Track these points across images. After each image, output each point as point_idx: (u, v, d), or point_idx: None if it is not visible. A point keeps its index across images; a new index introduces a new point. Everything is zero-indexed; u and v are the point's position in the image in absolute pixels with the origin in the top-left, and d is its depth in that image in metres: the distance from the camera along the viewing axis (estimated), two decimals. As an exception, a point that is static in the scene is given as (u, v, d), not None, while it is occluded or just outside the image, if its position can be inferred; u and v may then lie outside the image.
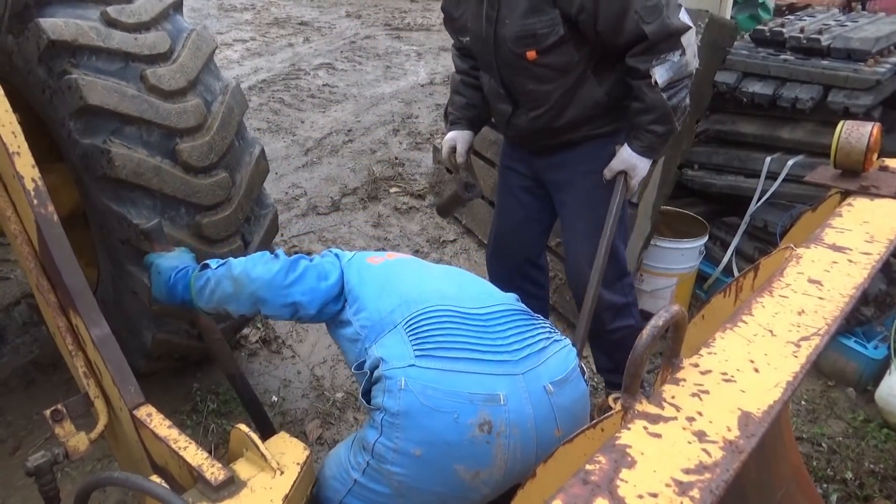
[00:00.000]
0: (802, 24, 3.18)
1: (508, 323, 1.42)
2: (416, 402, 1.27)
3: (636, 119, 2.03)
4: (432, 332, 1.35)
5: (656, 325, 0.78)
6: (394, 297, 1.47)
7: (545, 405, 1.34)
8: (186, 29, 2.20)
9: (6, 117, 1.40)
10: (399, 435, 1.29)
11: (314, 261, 1.61)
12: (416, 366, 1.30)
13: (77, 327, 1.49)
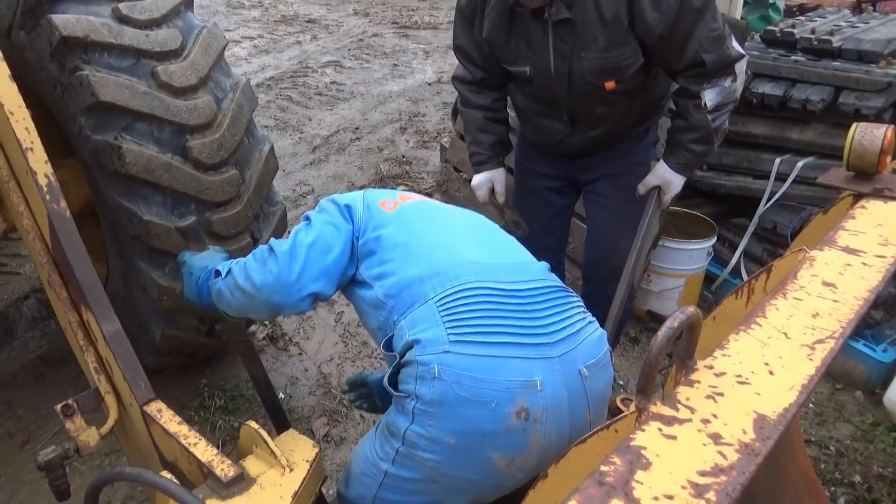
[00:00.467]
0: (813, 25, 3.16)
1: (546, 302, 1.33)
2: (450, 392, 1.21)
3: (677, 136, 2.08)
4: (468, 315, 1.25)
5: (671, 327, 0.78)
6: (421, 262, 1.36)
7: (579, 389, 1.29)
8: (197, 26, 2.20)
9: (20, 113, 1.40)
10: (432, 423, 1.24)
11: (311, 233, 1.44)
12: (450, 352, 1.22)
13: (88, 323, 1.49)
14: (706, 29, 1.85)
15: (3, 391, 2.62)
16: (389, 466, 1.34)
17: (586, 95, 2.04)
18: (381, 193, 1.55)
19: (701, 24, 1.84)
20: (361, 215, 1.48)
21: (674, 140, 2.10)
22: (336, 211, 1.49)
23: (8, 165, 1.51)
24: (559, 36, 1.93)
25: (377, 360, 2.90)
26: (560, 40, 1.93)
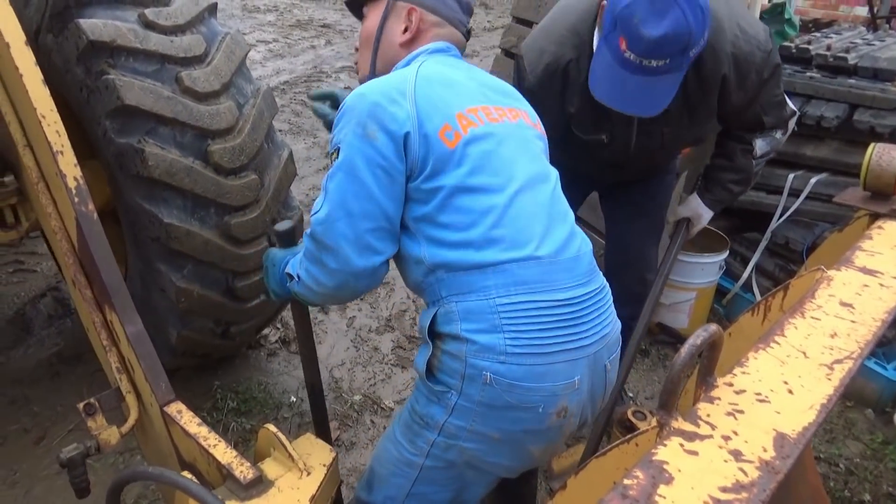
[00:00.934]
0: (829, 42, 3.17)
1: (592, 307, 1.33)
2: (500, 398, 1.23)
3: (718, 174, 2.13)
4: (528, 328, 1.24)
5: (694, 344, 0.79)
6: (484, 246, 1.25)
7: (602, 382, 1.36)
8: (221, 32, 2.24)
9: (52, 117, 1.43)
10: (476, 420, 1.26)
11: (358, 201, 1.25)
12: (506, 363, 1.22)
13: (112, 323, 1.52)
14: (770, 94, 1.92)
15: (20, 387, 2.65)
16: (424, 461, 1.35)
17: (657, 155, 2.11)
18: (439, 109, 1.28)
19: (766, 91, 1.90)
20: (418, 149, 1.25)
21: (713, 177, 2.16)
22: (386, 144, 1.24)
23: (37, 167, 1.54)
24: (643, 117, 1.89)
25: (388, 365, 2.92)
26: (647, 120, 1.87)
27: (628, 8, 1.49)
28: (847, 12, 6.43)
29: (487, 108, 1.35)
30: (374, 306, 3.31)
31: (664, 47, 1.48)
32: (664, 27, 1.46)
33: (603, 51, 1.58)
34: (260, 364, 2.86)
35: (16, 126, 1.55)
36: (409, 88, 1.28)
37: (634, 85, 1.56)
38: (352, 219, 1.25)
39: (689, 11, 1.47)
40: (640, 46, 1.49)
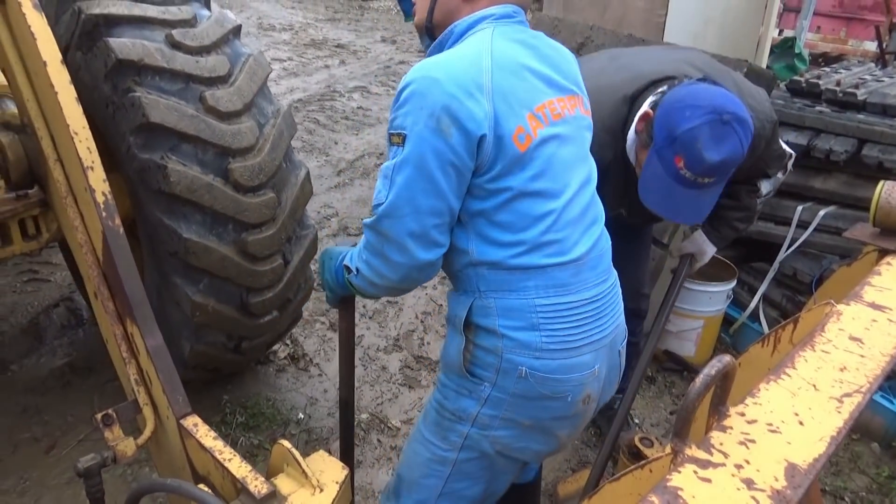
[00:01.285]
0: (839, 77, 3.22)
1: (612, 300, 1.43)
2: (533, 390, 1.32)
3: (723, 213, 2.20)
4: (563, 326, 1.32)
5: (709, 374, 0.82)
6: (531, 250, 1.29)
7: (616, 366, 1.47)
8: (244, 54, 2.29)
9: (83, 133, 1.48)
10: (509, 409, 1.34)
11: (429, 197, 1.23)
12: (541, 359, 1.30)
13: (132, 336, 1.55)
14: (771, 150, 2.06)
15: (31, 396, 2.68)
16: (458, 454, 1.42)
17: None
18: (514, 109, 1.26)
19: (769, 150, 2.04)
20: (490, 149, 1.24)
21: (718, 215, 2.21)
22: (460, 143, 1.21)
23: (66, 182, 1.58)
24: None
25: (395, 384, 2.94)
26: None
27: (691, 132, 1.53)
28: (856, 46, 6.51)
29: (553, 104, 1.34)
30: (383, 325, 3.34)
31: (719, 169, 1.56)
32: (723, 153, 1.52)
33: (654, 162, 1.62)
34: (269, 380, 2.88)
35: (47, 141, 1.60)
36: (485, 81, 1.23)
37: (684, 197, 1.62)
38: (419, 215, 1.24)
39: (743, 137, 1.54)
40: (698, 168, 1.55)
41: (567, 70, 1.43)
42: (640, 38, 3.18)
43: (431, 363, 3.08)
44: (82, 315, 3.20)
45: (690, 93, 1.58)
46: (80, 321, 3.16)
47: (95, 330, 3.06)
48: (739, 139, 1.53)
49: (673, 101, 1.59)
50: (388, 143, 1.28)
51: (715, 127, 1.52)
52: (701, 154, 1.52)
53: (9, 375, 2.80)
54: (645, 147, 1.67)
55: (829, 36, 6.71)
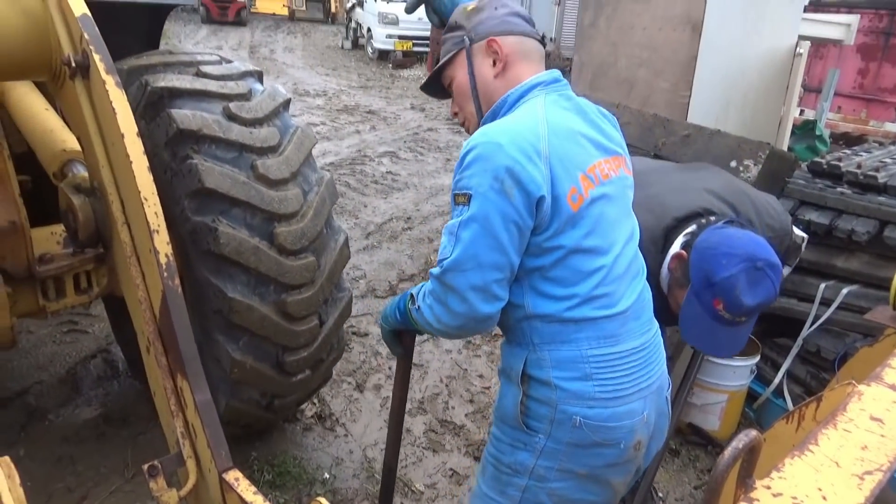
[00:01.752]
0: (859, 160, 3.31)
1: (657, 349, 1.52)
2: (587, 438, 1.39)
3: None
4: (614, 375, 1.40)
5: (737, 447, 0.88)
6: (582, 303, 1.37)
7: (664, 413, 1.55)
8: (293, 126, 2.46)
9: (152, 199, 1.61)
10: (564, 459, 1.41)
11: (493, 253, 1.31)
12: (594, 408, 1.38)
13: (181, 390, 1.63)
14: (789, 240, 2.14)
15: (66, 446, 2.75)
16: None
17: None
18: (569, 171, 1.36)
19: (787, 239, 2.12)
20: (547, 209, 1.33)
21: None
22: (522, 203, 1.30)
23: (132, 243, 1.70)
24: None
25: (420, 447, 2.96)
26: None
27: (729, 280, 1.65)
28: (877, 127, 6.63)
29: (601, 165, 1.45)
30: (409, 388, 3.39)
31: (757, 310, 1.69)
32: (759, 297, 1.65)
33: (693, 303, 1.74)
34: (296, 438, 2.93)
35: (117, 205, 1.73)
36: (543, 147, 1.34)
37: (724, 334, 1.74)
38: (482, 270, 1.32)
39: (775, 280, 1.66)
40: (737, 310, 1.67)
41: (611, 133, 1.55)
42: (664, 118, 3.32)
43: (456, 427, 3.11)
44: (118, 367, 3.30)
45: (723, 240, 1.70)
46: (115, 373, 3.26)
47: (130, 383, 3.16)
48: (772, 282, 1.65)
49: (707, 248, 1.71)
50: (452, 203, 1.38)
51: (751, 274, 1.63)
52: (739, 299, 1.62)
53: (46, 424, 2.88)
54: (680, 286, 1.78)
55: (849, 116, 6.87)
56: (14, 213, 2.20)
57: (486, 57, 1.50)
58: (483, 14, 1.51)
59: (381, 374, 3.49)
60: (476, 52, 1.51)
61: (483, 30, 1.50)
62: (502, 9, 1.52)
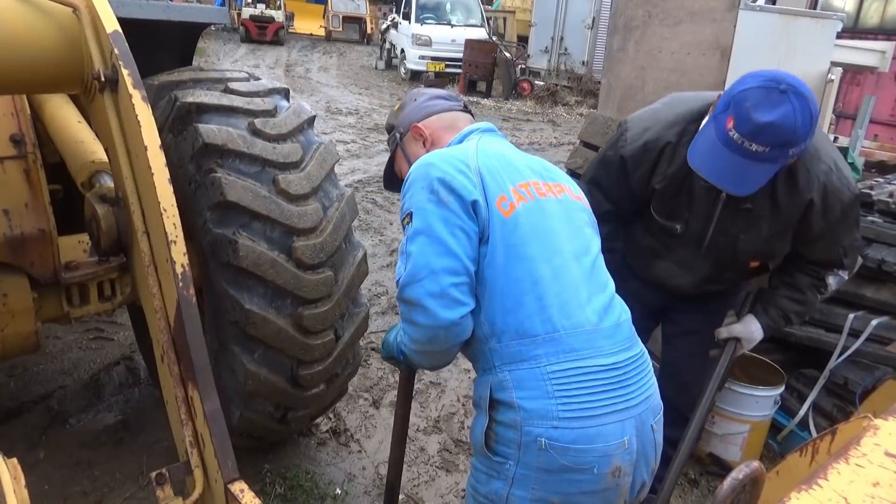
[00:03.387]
0: (892, 189, 3.24)
1: (635, 370, 1.44)
2: (555, 462, 1.33)
3: (782, 302, 2.18)
4: (578, 393, 1.34)
5: (736, 478, 0.86)
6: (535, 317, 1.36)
7: (651, 441, 1.45)
8: (316, 142, 2.49)
9: (171, 210, 1.64)
10: (536, 486, 1.35)
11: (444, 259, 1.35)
12: (559, 427, 1.32)
13: (192, 399, 1.65)
14: (852, 238, 2.05)
15: (85, 451, 2.79)
16: None
17: (725, 263, 2.14)
18: (497, 179, 1.43)
19: (850, 235, 2.03)
20: (484, 214, 1.39)
21: (775, 303, 2.21)
22: (460, 207, 1.38)
23: (150, 252, 1.74)
24: (728, 215, 1.99)
25: (433, 466, 2.94)
26: (727, 219, 2.00)
27: (744, 92, 1.61)
28: (915, 156, 6.46)
29: (537, 183, 1.50)
30: (424, 406, 3.38)
31: (767, 134, 1.60)
32: (773, 115, 1.58)
33: (710, 127, 1.71)
34: (309, 452, 2.93)
35: (138, 214, 1.77)
36: (472, 161, 1.44)
37: (730, 162, 1.67)
38: (436, 276, 1.34)
39: (798, 110, 1.58)
40: (746, 128, 1.61)
41: (548, 168, 1.61)
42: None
43: (471, 447, 3.08)
44: (140, 374, 3.35)
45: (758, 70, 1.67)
46: (137, 380, 3.31)
47: (150, 391, 3.20)
48: (794, 109, 1.56)
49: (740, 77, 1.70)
50: (403, 231, 1.45)
51: (771, 93, 1.57)
52: (749, 114, 1.57)
53: (66, 428, 2.93)
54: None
55: (887, 144, 6.71)
56: (43, 221, 2.26)
57: (415, 142, 1.68)
58: (406, 109, 1.72)
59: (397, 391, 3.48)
60: (407, 142, 1.70)
61: (407, 122, 1.69)
62: (420, 97, 1.72)
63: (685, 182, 2.00)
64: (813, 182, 1.89)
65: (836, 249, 2.04)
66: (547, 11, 15.88)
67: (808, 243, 2.04)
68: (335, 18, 25.00)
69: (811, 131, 1.67)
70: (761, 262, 2.11)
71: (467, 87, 15.10)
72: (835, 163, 1.92)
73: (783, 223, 1.97)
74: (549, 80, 15.51)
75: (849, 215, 1.97)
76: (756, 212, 1.96)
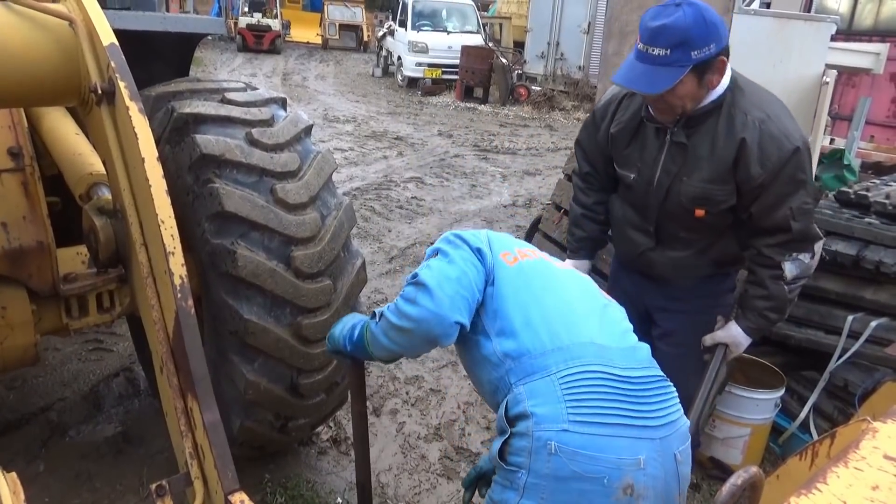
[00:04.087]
0: (888, 191, 3.25)
1: (653, 389, 1.46)
2: (565, 468, 1.33)
3: (753, 302, 2.20)
4: (588, 396, 1.37)
5: (735, 484, 0.86)
6: (543, 333, 1.46)
7: (673, 471, 1.42)
8: (313, 151, 2.49)
9: (169, 222, 1.64)
10: (545, 496, 1.36)
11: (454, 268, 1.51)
12: (568, 431, 1.34)
13: (191, 410, 1.65)
14: (800, 200, 2.04)
15: (85, 462, 2.79)
16: None
17: (675, 216, 2.22)
18: (501, 243, 1.65)
19: (797, 195, 2.03)
20: (490, 262, 1.58)
21: (749, 305, 2.22)
22: (469, 251, 1.57)
23: (149, 264, 1.74)
24: (671, 155, 2.14)
25: (434, 474, 2.94)
26: (671, 159, 2.15)
27: (647, 11, 1.90)
28: (911, 157, 6.47)
29: (525, 251, 1.68)
30: (425, 413, 3.37)
31: (663, 36, 1.85)
32: (664, 20, 1.85)
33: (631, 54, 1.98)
34: (310, 461, 2.93)
35: (136, 226, 1.78)
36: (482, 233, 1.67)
37: (640, 70, 1.92)
38: (450, 282, 1.49)
39: (689, 15, 1.83)
40: (645, 35, 1.88)
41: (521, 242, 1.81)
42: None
43: (471, 455, 3.08)
44: (140, 385, 3.35)
45: None
46: (137, 391, 3.30)
47: (150, 401, 3.20)
48: (685, 14, 1.82)
49: None
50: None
51: (667, 6, 1.86)
52: (647, 23, 1.87)
53: (67, 440, 2.93)
54: None
55: (883, 145, 6.72)
56: (42, 234, 2.27)
57: None
58: None
59: (397, 398, 3.48)
60: None
61: None
62: None
63: (638, 130, 2.21)
64: (748, 125, 2.01)
65: (783, 211, 2.04)
66: (543, 17, 15.94)
67: (755, 200, 2.06)
68: (332, 26, 25.09)
69: (708, 34, 1.86)
70: (705, 211, 2.13)
71: (464, 94, 15.13)
72: (776, 115, 2.03)
73: (722, 165, 2.06)
74: (545, 86, 15.54)
75: (790, 168, 2.01)
76: (697, 151, 2.09)
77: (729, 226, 2.21)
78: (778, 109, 2.07)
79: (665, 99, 1.99)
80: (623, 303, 2.54)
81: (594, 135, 2.41)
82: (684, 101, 2.00)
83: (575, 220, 2.58)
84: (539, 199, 7.31)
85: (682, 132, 2.10)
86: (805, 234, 2.07)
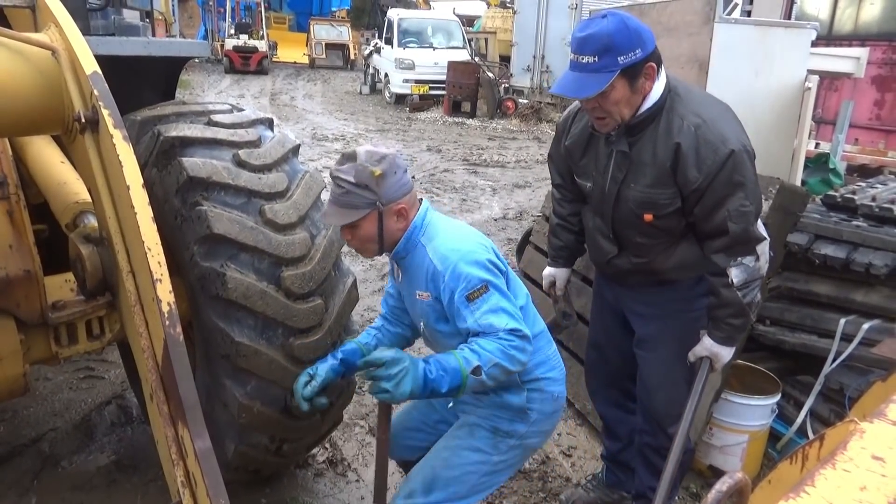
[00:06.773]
0: (874, 193, 3.27)
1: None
2: (558, 408, 2.14)
3: (714, 312, 2.23)
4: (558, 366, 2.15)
5: (721, 490, 0.85)
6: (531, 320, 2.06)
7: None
8: (301, 171, 2.50)
9: (156, 249, 1.64)
10: (543, 424, 2.09)
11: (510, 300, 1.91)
12: (559, 383, 2.12)
13: (182, 438, 1.64)
14: (738, 202, 2.05)
15: (78, 493, 2.75)
16: (501, 456, 2.03)
17: (628, 222, 2.28)
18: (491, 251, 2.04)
19: (734, 197, 2.05)
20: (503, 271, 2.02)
21: (712, 316, 2.25)
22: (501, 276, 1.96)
23: (136, 292, 1.73)
24: (617, 163, 2.22)
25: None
26: (617, 167, 2.22)
27: (578, 25, 2.10)
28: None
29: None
30: (421, 430, 3.35)
31: (589, 43, 1.97)
32: (590, 30, 1.97)
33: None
34: (307, 484, 2.90)
35: (123, 254, 1.77)
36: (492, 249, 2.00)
37: (572, 78, 2.03)
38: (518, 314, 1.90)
39: (612, 23, 1.95)
40: (574, 45, 2.01)
41: None
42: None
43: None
44: (132, 412, 3.32)
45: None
46: (129, 419, 3.27)
47: (143, 429, 3.17)
48: (609, 23, 1.96)
49: None
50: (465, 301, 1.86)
51: (594, 19, 2.00)
52: (575, 34, 2.02)
53: (59, 472, 2.90)
54: None
55: (867, 148, 6.79)
56: (28, 262, 2.26)
57: (394, 217, 1.93)
58: (388, 181, 1.88)
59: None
60: (387, 214, 1.91)
61: (391, 197, 1.89)
62: (399, 171, 1.92)
63: (590, 142, 2.31)
64: (683, 130, 2.06)
65: (721, 214, 2.07)
66: (527, 31, 16.07)
67: (697, 203, 2.11)
68: (318, 46, 25.22)
69: (631, 40, 1.97)
70: (654, 216, 2.18)
71: (452, 108, 15.20)
72: (712, 119, 2.07)
73: (662, 170, 2.12)
74: (532, 98, 15.64)
75: (726, 171, 2.03)
76: (640, 158, 2.15)
77: (683, 231, 2.25)
78: (716, 114, 2.11)
79: (602, 107, 2.06)
80: (606, 311, 2.60)
81: (558, 145, 2.51)
82: (620, 108, 2.07)
83: (553, 230, 2.68)
84: (529, 212, 7.33)
85: (625, 140, 2.16)
86: (744, 236, 2.08)
